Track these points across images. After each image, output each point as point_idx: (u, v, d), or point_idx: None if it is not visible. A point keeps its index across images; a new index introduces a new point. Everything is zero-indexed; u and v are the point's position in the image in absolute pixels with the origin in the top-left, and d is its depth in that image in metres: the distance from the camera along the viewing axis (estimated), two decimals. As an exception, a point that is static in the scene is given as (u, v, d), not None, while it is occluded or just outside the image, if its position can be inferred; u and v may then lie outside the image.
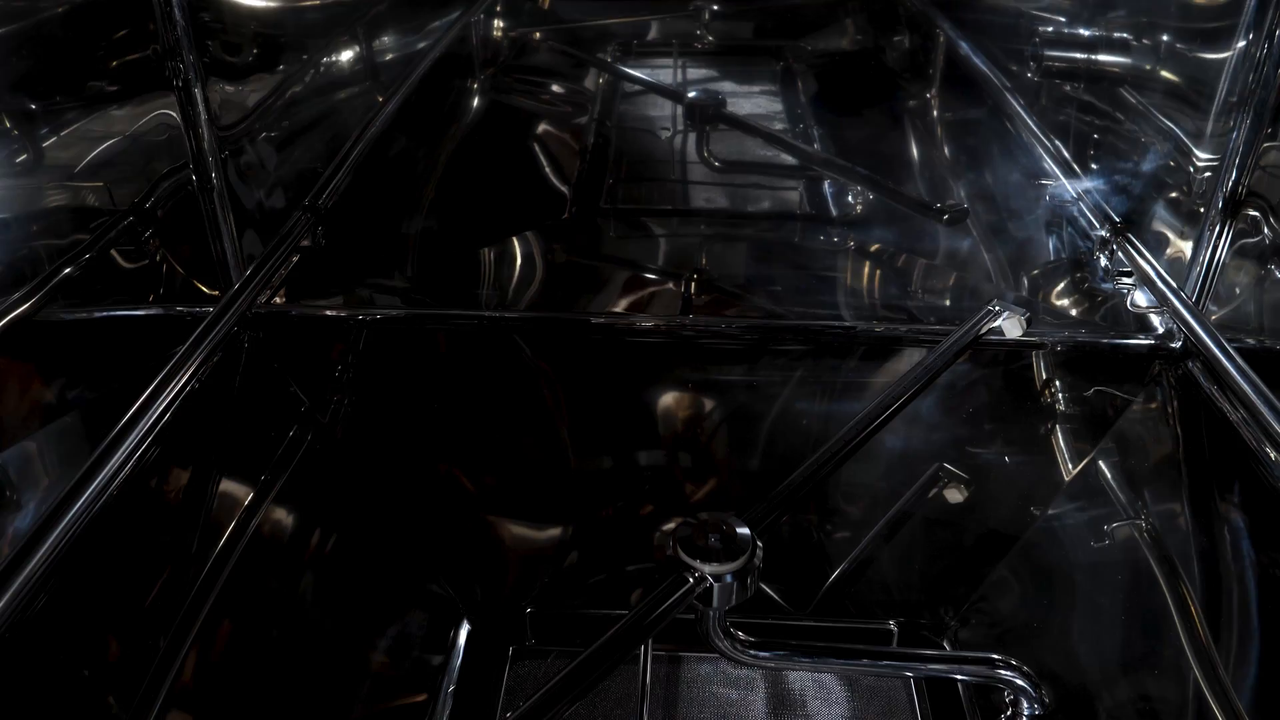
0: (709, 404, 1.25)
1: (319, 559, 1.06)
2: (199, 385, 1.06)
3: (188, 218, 1.24)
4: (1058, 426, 1.25)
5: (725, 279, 1.51)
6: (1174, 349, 1.21)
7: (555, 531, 1.17)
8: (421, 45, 1.77)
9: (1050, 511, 1.14)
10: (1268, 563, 0.99)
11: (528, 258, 1.56)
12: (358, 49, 1.59)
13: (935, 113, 1.79)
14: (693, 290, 1.46)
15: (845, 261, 1.48)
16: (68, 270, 1.07)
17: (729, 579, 0.75)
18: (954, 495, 1.22)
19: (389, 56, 1.70)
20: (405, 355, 1.26)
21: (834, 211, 1.55)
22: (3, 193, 0.99)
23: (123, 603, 0.94)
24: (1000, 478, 1.21)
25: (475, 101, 1.87)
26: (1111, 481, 1.18)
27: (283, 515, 1.11)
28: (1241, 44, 1.08)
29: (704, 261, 1.56)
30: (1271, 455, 0.99)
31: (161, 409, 0.98)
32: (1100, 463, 1.20)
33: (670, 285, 1.52)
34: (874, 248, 1.48)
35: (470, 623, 1.05)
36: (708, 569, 0.75)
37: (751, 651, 0.81)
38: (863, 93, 1.85)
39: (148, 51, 1.12)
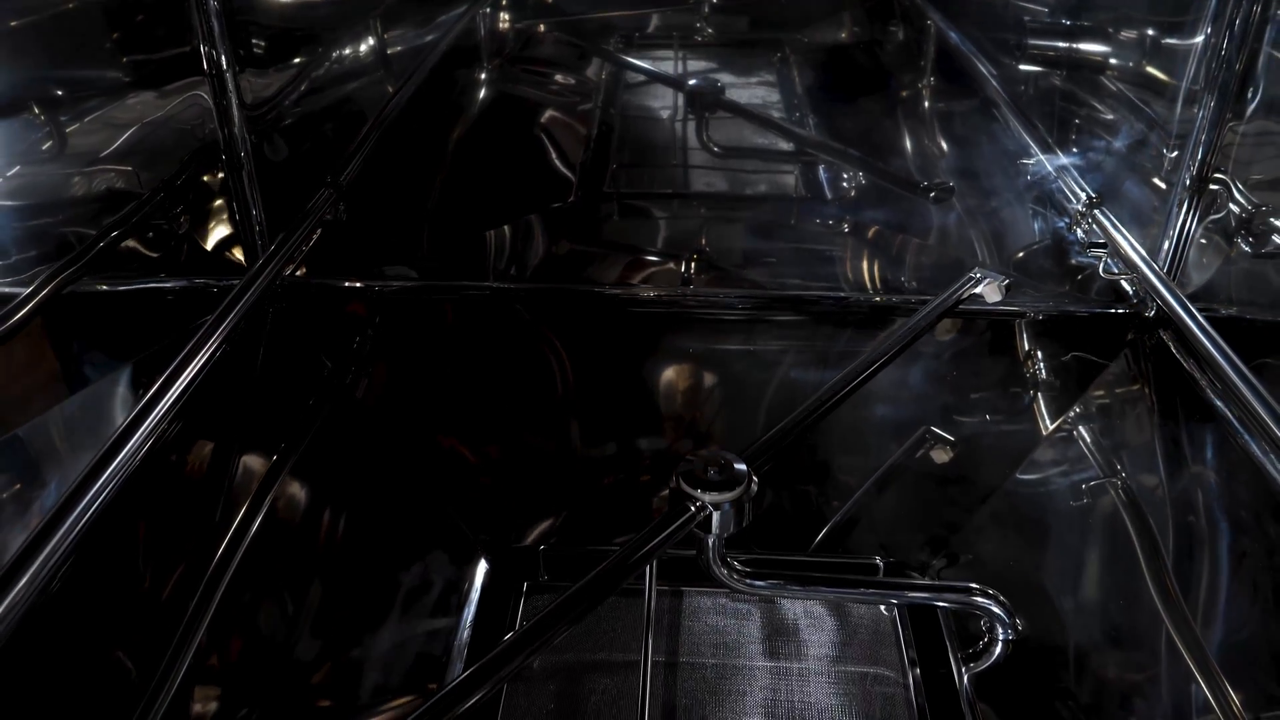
0: (708, 367, 1.33)
1: (345, 510, 1.14)
2: (227, 352, 1.12)
3: (217, 196, 1.32)
4: (1037, 390, 1.32)
5: (724, 258, 1.58)
6: (1147, 317, 1.29)
7: (565, 479, 1.24)
8: (431, 37, 1.84)
9: (1028, 466, 1.22)
10: (1232, 516, 1.07)
11: (534, 238, 1.63)
12: (372, 41, 1.66)
13: (926, 101, 1.86)
14: (692, 269, 1.54)
15: (838, 239, 1.55)
16: (103, 244, 1.14)
17: (726, 508, 0.83)
18: (939, 456, 1.30)
19: (401, 48, 1.77)
20: (420, 322, 1.34)
21: (828, 193, 1.63)
22: (44, 172, 1.06)
23: (159, 556, 1.01)
24: (982, 435, 1.29)
25: (483, 90, 1.94)
26: (1087, 441, 1.25)
27: (309, 471, 1.18)
28: (1204, 34, 1.16)
29: (703, 241, 1.63)
30: (1236, 416, 1.07)
31: (191, 375, 1.03)
32: (1077, 423, 1.27)
33: (670, 264, 1.59)
34: (865, 226, 1.56)
35: (488, 561, 1.13)
36: (707, 498, 0.82)
37: (747, 581, 0.88)
38: (857, 83, 1.92)
39: (183, 43, 1.19)
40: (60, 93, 1.06)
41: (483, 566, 1.09)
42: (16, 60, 0.98)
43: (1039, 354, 1.36)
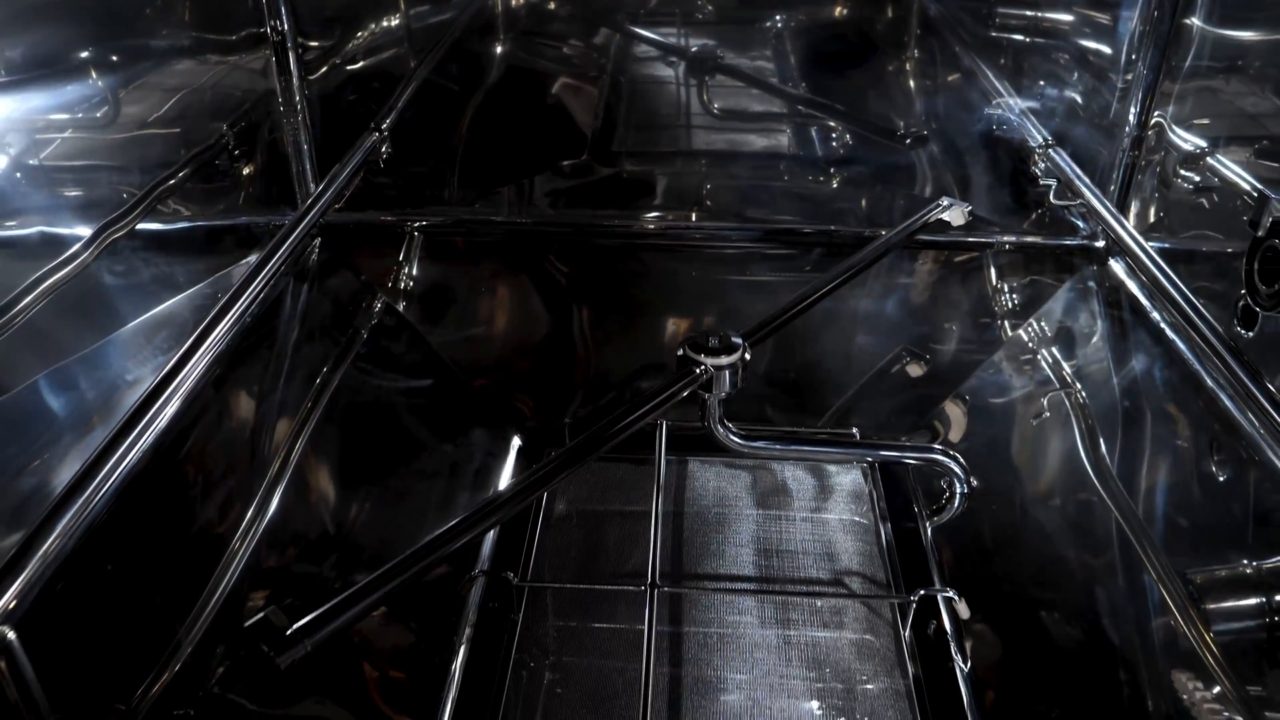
0: (710, 288, 1.49)
1: (395, 404, 1.30)
2: (282, 278, 1.27)
3: (274, 143, 1.48)
4: (1001, 310, 1.49)
5: (723, 207, 1.75)
6: (1098, 247, 1.45)
7: (585, 372, 1.41)
8: (450, 14, 2.00)
9: (990, 370, 1.39)
10: (1167, 412, 1.23)
11: (551, 192, 1.80)
12: (399, 17, 1.82)
13: (908, 66, 2.03)
14: (694, 218, 1.70)
15: (826, 184, 1.72)
16: (169, 185, 1.30)
17: (725, 370, 0.99)
18: (914, 369, 1.46)
19: (426, 22, 1.93)
20: (452, 252, 1.50)
21: (817, 146, 1.79)
22: (122, 122, 1.21)
23: (232, 452, 1.16)
24: (952, 346, 1.45)
25: (500, 60, 2.11)
26: (1044, 354, 1.42)
27: (361, 373, 1.34)
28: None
29: (705, 193, 1.80)
30: (1173, 328, 1.22)
31: (249, 302, 1.18)
32: (1037, 339, 1.44)
33: (673, 215, 1.76)
34: (850, 171, 1.72)
35: (520, 438, 1.29)
36: (709, 361, 0.99)
37: (740, 439, 1.05)
38: (846, 52, 2.09)
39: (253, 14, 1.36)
40: (144, 52, 1.21)
41: (516, 442, 1.25)
42: (113, 24, 1.13)
43: (1004, 280, 1.52)
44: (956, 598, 1.03)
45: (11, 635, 0.68)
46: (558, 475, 0.91)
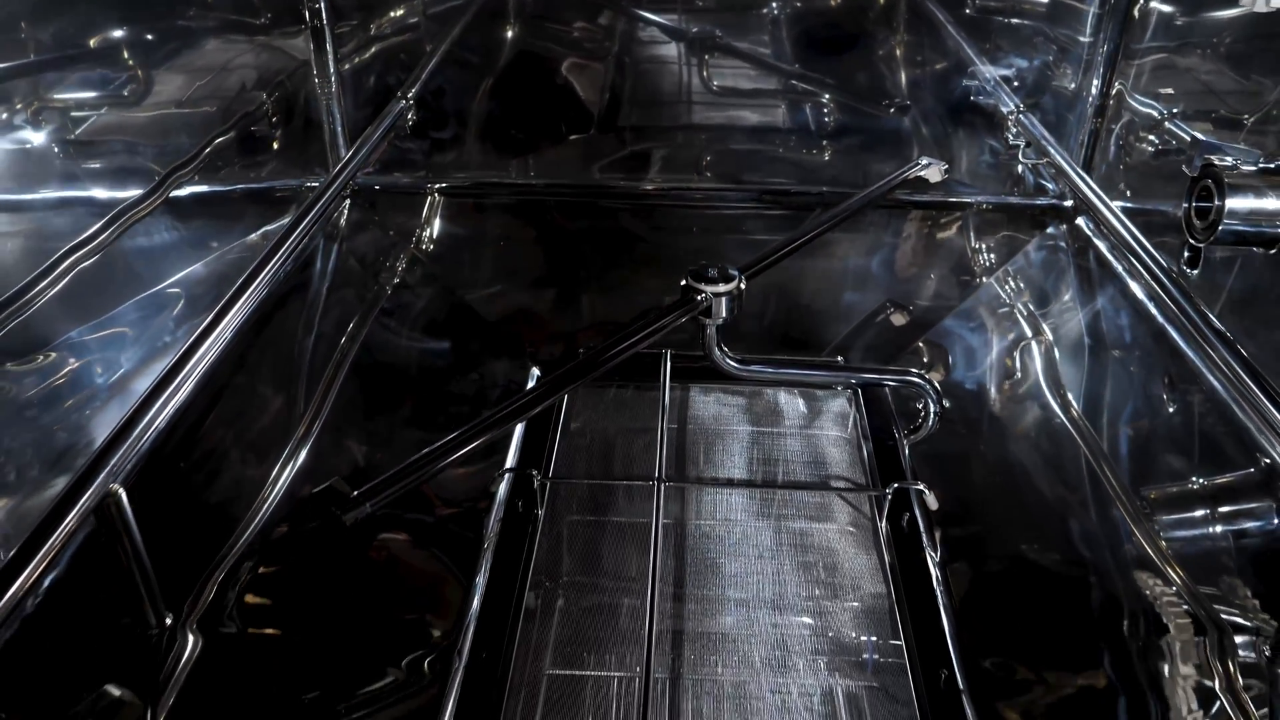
0: (711, 241, 1.62)
1: (423, 346, 1.43)
2: (315, 236, 1.40)
3: (308, 111, 1.61)
4: (980, 265, 1.62)
5: (721, 173, 1.88)
6: (1066, 206, 1.58)
7: (596, 308, 1.54)
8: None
9: (963, 316, 1.52)
10: (1128, 356, 1.36)
11: (561, 161, 1.92)
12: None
13: (897, 48, 2.16)
14: (694, 183, 1.83)
15: (818, 152, 1.85)
16: (216, 147, 1.43)
17: (723, 298, 1.12)
18: (898, 319, 1.59)
19: (444, 5, 2.06)
20: (470, 210, 1.64)
21: (809, 118, 1.92)
22: (173, 91, 1.33)
23: (277, 379, 1.29)
24: (931, 293, 1.58)
25: (511, 42, 2.23)
26: (1018, 302, 1.54)
27: (388, 323, 1.47)
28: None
29: (704, 163, 1.92)
30: (1134, 281, 1.35)
31: (287, 254, 1.30)
32: (1011, 287, 1.57)
33: (675, 179, 1.89)
34: (839, 141, 1.85)
35: (539, 369, 1.42)
36: (709, 289, 1.11)
37: (736, 363, 1.18)
38: (839, 34, 2.22)
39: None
40: (195, 32, 1.34)
41: (535, 372, 1.38)
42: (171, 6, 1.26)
43: (982, 236, 1.65)
44: (926, 490, 1.15)
45: (122, 492, 0.81)
46: (576, 379, 1.03)
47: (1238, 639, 0.93)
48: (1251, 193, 1.06)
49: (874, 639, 1.02)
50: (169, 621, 0.88)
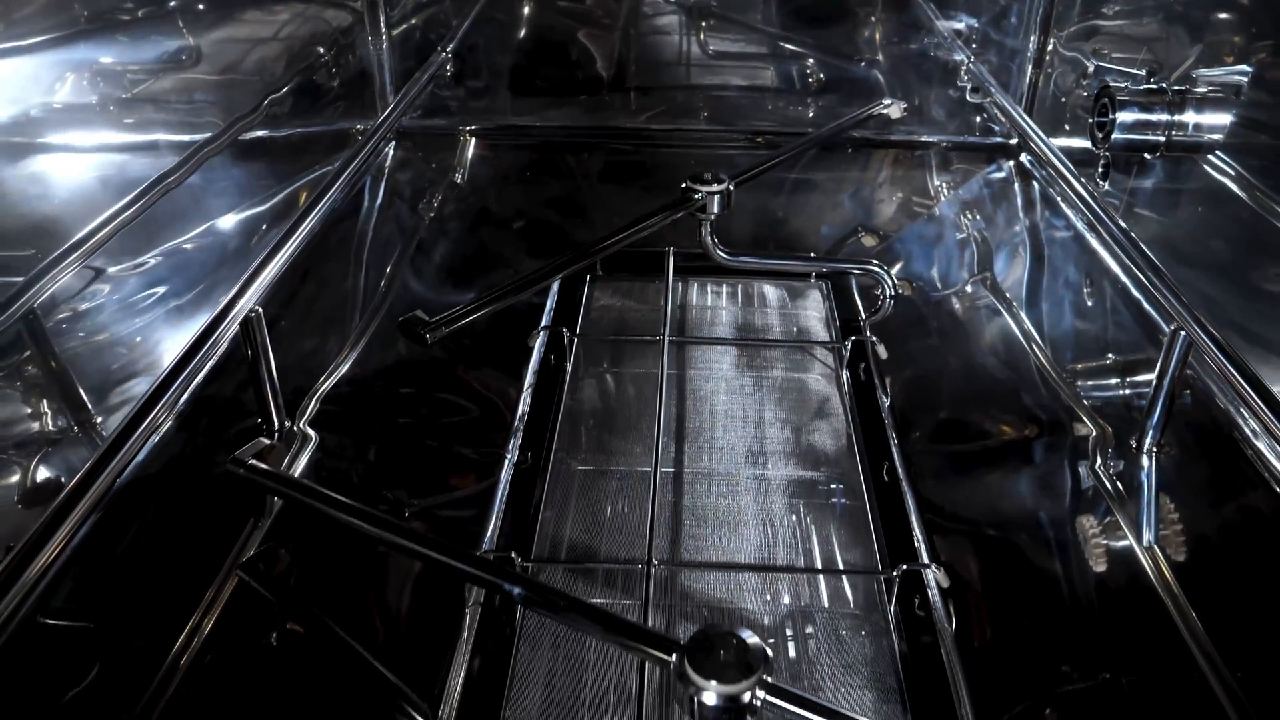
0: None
1: (462, 254, 1.70)
2: (364, 173, 1.65)
3: (360, 63, 1.87)
4: (936, 195, 1.88)
5: (717, 120, 2.14)
6: (1011, 144, 1.84)
7: (609, 224, 1.80)
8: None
9: (923, 234, 1.79)
10: (1060, 265, 1.62)
11: (580, 115, 2.19)
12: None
13: (873, 17, 2.43)
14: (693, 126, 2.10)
15: (802, 101, 2.11)
16: (274, 97, 1.68)
17: (715, 195, 1.38)
18: (868, 242, 1.86)
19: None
20: (499, 150, 1.90)
21: (795, 77, 2.19)
22: (242, 49, 1.57)
23: (333, 294, 1.54)
24: (895, 215, 1.85)
25: (528, 15, 2.50)
26: (965, 218, 1.81)
27: (432, 242, 1.73)
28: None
29: (703, 119, 2.19)
30: (1066, 204, 1.60)
31: (340, 189, 1.53)
32: (964, 212, 1.83)
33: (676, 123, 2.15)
34: (822, 96, 2.12)
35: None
36: (704, 189, 1.38)
37: (726, 254, 1.44)
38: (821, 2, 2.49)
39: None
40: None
41: (557, 281, 1.64)
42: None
43: (940, 170, 1.92)
44: (877, 340, 1.42)
45: (259, 311, 1.08)
46: (600, 247, 1.30)
47: (1118, 437, 1.19)
48: (1137, 107, 1.32)
49: (828, 442, 1.30)
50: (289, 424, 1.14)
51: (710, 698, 0.71)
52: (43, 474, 0.97)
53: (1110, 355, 1.40)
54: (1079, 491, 1.14)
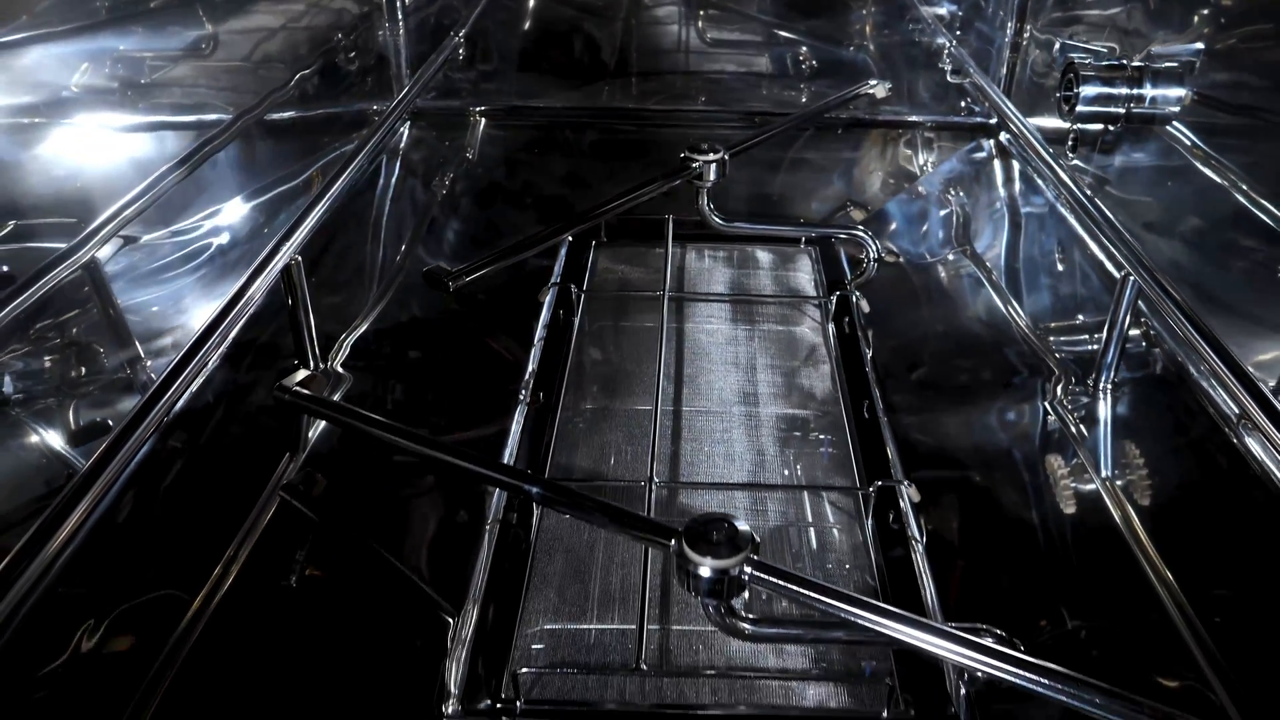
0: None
1: (475, 224, 1.82)
2: (379, 152, 1.77)
3: (378, 47, 1.98)
4: (920, 170, 2.00)
5: (713, 101, 2.26)
6: (990, 124, 1.96)
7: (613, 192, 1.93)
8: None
9: (910, 199, 1.91)
10: (1034, 233, 1.73)
11: (584, 97, 2.30)
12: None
13: (868, 17, 2.54)
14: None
15: (795, 92, 2.23)
16: (297, 78, 1.79)
17: (712, 164, 1.50)
18: (856, 215, 1.97)
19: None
20: (508, 129, 2.02)
21: (787, 62, 2.31)
22: (267, 34, 1.69)
23: (348, 269, 1.66)
24: (880, 189, 1.97)
25: (536, 3, 2.61)
26: (948, 193, 1.92)
27: (446, 214, 1.85)
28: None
29: (701, 101, 2.30)
30: (1040, 178, 1.71)
31: (357, 165, 1.64)
32: (945, 188, 1.95)
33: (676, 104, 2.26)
34: (815, 80, 2.24)
35: (570, 235, 1.79)
36: (702, 158, 1.49)
37: (721, 220, 1.56)
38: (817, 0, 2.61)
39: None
40: None
41: (567, 239, 1.75)
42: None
43: (923, 148, 2.03)
44: (860, 296, 1.54)
45: (299, 259, 1.19)
46: (603, 211, 1.42)
47: (1078, 379, 1.31)
48: (1100, 81, 1.44)
49: (814, 385, 1.41)
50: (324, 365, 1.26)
51: (705, 571, 0.82)
52: (105, 406, 1.09)
53: (1080, 316, 1.51)
54: (1041, 424, 1.25)
